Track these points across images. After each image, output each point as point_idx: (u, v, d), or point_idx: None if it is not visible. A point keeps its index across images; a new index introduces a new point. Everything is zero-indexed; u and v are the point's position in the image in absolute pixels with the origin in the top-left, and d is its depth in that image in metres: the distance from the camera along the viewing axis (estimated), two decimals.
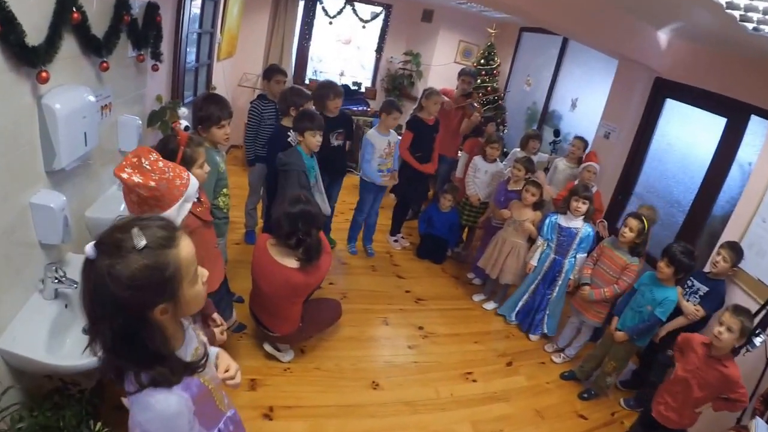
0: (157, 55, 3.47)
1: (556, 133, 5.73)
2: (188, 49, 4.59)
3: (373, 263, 5.10)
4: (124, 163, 1.79)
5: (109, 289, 1.09)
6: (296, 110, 4.03)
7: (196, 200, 2.56)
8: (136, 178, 1.75)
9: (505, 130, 6.54)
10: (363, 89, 8.19)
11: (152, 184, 1.77)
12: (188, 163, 2.40)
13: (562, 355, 4.13)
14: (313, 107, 4.20)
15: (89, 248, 1.11)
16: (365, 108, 7.64)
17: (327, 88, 4.40)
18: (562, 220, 3.99)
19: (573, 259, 4.01)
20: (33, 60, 1.96)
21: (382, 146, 4.64)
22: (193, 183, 1.94)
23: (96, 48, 2.54)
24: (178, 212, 1.88)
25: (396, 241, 5.55)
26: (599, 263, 3.83)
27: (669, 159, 4.70)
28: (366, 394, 3.39)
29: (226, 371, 1.58)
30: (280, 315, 3.22)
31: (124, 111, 3.28)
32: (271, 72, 4.69)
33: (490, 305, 4.67)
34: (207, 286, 2.67)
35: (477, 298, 4.77)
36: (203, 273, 1.32)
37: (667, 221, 4.32)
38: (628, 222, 3.61)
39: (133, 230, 1.12)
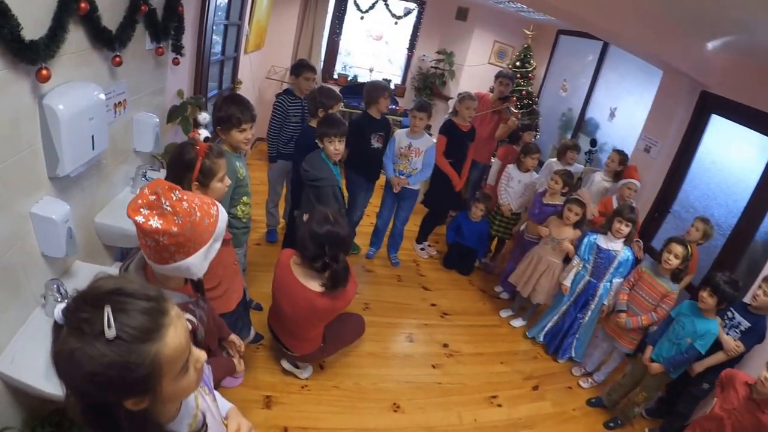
0: (178, 48, 3.30)
1: (593, 143, 5.47)
2: (214, 40, 4.41)
3: (399, 273, 4.92)
4: (139, 201, 1.43)
5: (69, 372, 0.90)
6: (324, 112, 3.83)
7: None
8: (155, 223, 1.41)
9: (537, 136, 6.28)
10: (392, 87, 7.97)
11: (175, 230, 1.43)
12: (207, 176, 2.19)
13: (589, 380, 3.93)
14: (342, 108, 4.01)
15: (57, 312, 0.91)
16: (394, 107, 7.43)
17: (383, 88, 4.26)
18: (602, 241, 3.76)
19: (609, 284, 3.78)
20: (31, 56, 1.78)
21: (400, 145, 4.43)
22: (222, 218, 1.63)
23: (108, 41, 2.36)
24: (205, 256, 1.57)
25: (422, 249, 5.36)
26: (636, 288, 3.61)
27: (711, 178, 4.41)
28: (386, 418, 3.23)
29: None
30: (301, 337, 3.05)
31: (141, 108, 3.11)
32: (300, 68, 4.47)
33: (517, 322, 4.46)
34: (222, 305, 2.55)
35: (504, 313, 4.57)
36: (198, 358, 1.09)
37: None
38: (672, 248, 3.37)
39: (106, 311, 0.87)
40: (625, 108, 5.58)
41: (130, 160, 3.15)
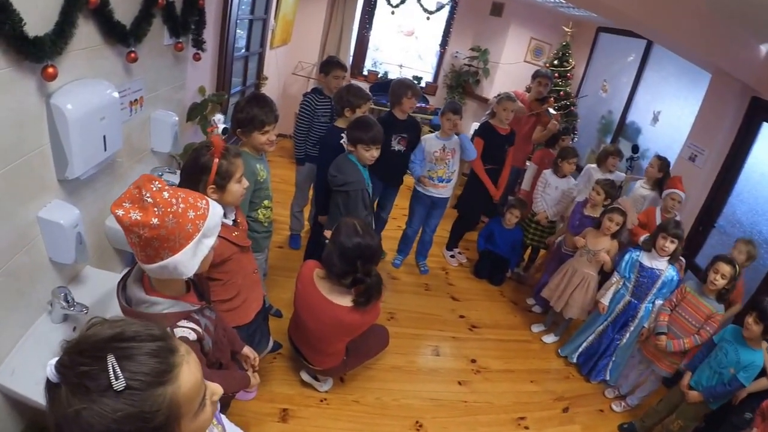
0: (199, 43, 3.15)
1: (635, 149, 5.17)
2: (239, 34, 4.22)
3: (427, 281, 4.71)
4: (122, 196, 1.40)
5: None
6: (352, 112, 3.60)
7: (231, 223, 2.22)
8: (135, 215, 1.35)
9: (575, 139, 6.00)
10: (423, 84, 7.77)
11: (155, 221, 1.36)
12: (224, 177, 2.05)
13: (622, 403, 3.69)
14: (372, 108, 3.79)
15: (50, 369, 0.80)
16: (424, 105, 7.21)
17: (406, 87, 3.98)
18: (645, 259, 3.50)
19: (650, 305, 3.53)
20: (36, 53, 1.64)
21: (432, 149, 4.17)
22: (214, 213, 1.53)
23: (121, 36, 2.22)
24: (194, 253, 1.47)
25: (452, 256, 5.15)
26: (679, 309, 3.36)
27: (761, 192, 4.11)
28: None
29: None
30: (325, 351, 2.87)
31: (159, 105, 2.96)
32: (330, 65, 4.22)
33: (550, 338, 4.23)
34: (240, 317, 2.40)
35: (536, 328, 4.34)
36: (214, 391, 1.02)
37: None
38: (719, 267, 3.12)
39: (109, 360, 0.78)
40: (669, 112, 5.28)
41: (147, 161, 3.01)
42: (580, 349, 3.89)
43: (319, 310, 2.65)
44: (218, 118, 2.43)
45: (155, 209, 1.35)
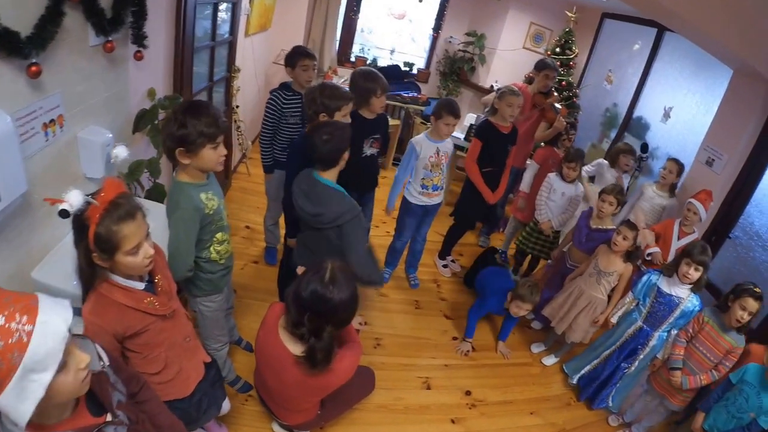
0: (139, 39, 2.55)
1: (644, 147, 4.74)
2: (201, 24, 3.63)
3: (417, 296, 4.27)
4: None
5: None
6: (330, 117, 2.90)
7: (146, 286, 1.75)
8: None
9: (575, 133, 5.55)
10: (415, 71, 7.28)
11: None
12: (104, 250, 1.54)
13: None
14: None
15: None
16: (415, 94, 6.72)
17: (374, 82, 3.33)
18: (664, 284, 3.12)
19: (665, 334, 3.17)
20: None
21: (427, 154, 3.69)
22: (45, 336, 1.04)
23: (14, 47, 1.68)
24: (19, 396, 1.02)
25: (445, 266, 4.72)
26: (695, 341, 3.01)
27: None
28: None
29: None
30: (292, 408, 2.44)
31: (90, 121, 2.40)
32: (295, 56, 3.62)
33: (550, 360, 3.86)
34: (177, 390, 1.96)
35: (536, 349, 3.97)
36: None
37: None
38: (746, 304, 2.75)
39: None
40: (682, 109, 4.87)
41: (82, 188, 2.45)
42: (582, 372, 3.56)
43: (280, 367, 2.18)
44: (118, 151, 1.86)
45: None
